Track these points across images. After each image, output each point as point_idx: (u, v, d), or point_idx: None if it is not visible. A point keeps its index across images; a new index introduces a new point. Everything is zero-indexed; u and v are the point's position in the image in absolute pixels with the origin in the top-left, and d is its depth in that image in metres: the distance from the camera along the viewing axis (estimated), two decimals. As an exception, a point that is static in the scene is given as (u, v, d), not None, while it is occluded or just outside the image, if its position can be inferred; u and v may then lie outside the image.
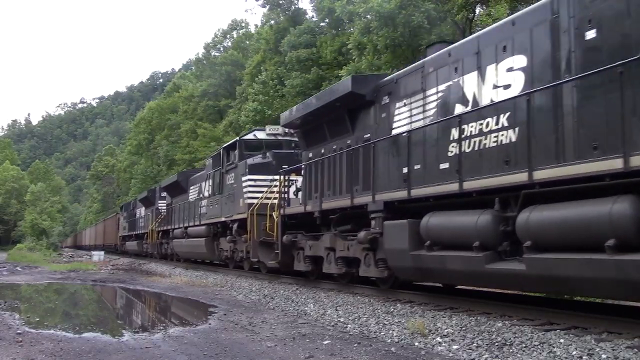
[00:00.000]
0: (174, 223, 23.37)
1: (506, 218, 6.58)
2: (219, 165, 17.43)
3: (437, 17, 18.60)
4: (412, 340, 5.94)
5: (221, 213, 16.64)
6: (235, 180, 15.52)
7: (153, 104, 63.71)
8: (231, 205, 15.66)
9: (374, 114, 9.80)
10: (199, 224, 19.26)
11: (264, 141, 15.56)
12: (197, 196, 20.44)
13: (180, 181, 23.59)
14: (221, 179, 16.96)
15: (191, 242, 20.02)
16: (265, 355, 5.32)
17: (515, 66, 6.80)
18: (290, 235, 12.02)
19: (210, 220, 17.91)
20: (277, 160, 14.15)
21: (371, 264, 9.32)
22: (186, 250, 21.26)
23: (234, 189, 15.53)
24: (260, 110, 29.57)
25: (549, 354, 5.00)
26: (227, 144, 17.16)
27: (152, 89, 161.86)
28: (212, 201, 17.88)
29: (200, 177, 20.82)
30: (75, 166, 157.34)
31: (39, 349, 5.54)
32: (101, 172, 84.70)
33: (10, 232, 72.47)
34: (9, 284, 14.66)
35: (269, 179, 13.79)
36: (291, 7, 33.43)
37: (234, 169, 15.85)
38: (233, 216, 15.46)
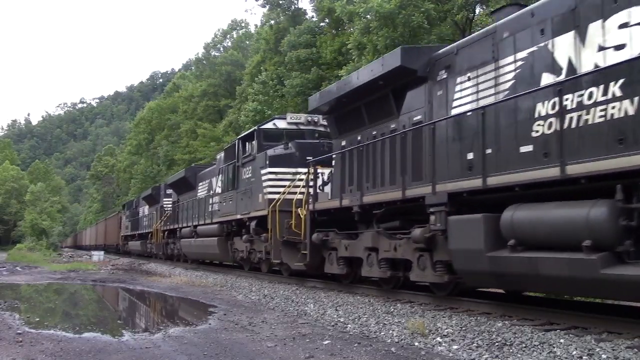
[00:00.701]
0: (182, 222, 22.18)
1: (629, 210, 5.32)
2: (232, 158, 16.06)
3: (437, 17, 18.60)
4: (412, 340, 5.94)
5: (236, 210, 15.25)
6: (253, 174, 14.17)
7: (153, 104, 63.77)
8: (248, 201, 14.30)
9: (426, 92, 8.44)
10: (210, 222, 17.98)
11: (285, 131, 14.01)
12: (207, 193, 19.13)
13: (187, 177, 22.16)
14: (236, 173, 15.56)
15: (201, 242, 18.78)
16: (265, 355, 5.32)
17: (632, 21, 5.50)
18: (321, 234, 10.71)
19: (224, 218, 16.56)
20: (301, 151, 12.83)
21: (427, 267, 8.06)
22: (195, 250, 20.09)
23: (251, 184, 14.20)
24: (260, 110, 29.54)
25: (549, 354, 5.00)
26: (244, 134, 15.75)
27: (152, 89, 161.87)
28: (225, 197, 16.50)
29: (211, 172, 19.50)
30: (75, 166, 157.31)
31: (39, 349, 5.55)
32: (101, 172, 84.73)
33: (10, 232, 72.45)
34: (9, 284, 14.66)
35: (291, 172, 12.61)
36: (291, 7, 33.43)
37: (251, 162, 14.44)
38: (250, 213, 14.09)
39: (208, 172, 19.91)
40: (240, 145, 15.48)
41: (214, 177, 18.60)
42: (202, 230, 18.82)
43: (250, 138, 14.82)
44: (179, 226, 22.46)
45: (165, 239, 25.38)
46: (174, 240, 23.91)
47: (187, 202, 21.56)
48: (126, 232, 37.66)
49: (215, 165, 19.16)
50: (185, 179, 22.45)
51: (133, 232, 34.83)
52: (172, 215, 24.36)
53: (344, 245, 10.16)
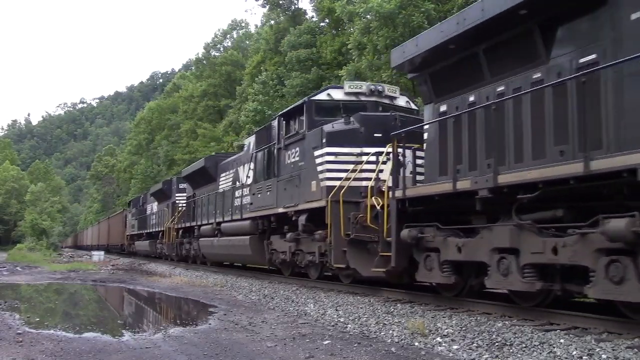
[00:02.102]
0: (200, 219, 19.58)
1: None
2: (269, 140, 13.53)
3: (437, 17, 18.58)
4: (412, 340, 5.94)
5: (277, 202, 12.55)
6: (302, 157, 11.51)
7: (153, 104, 63.87)
8: (295, 191, 11.69)
9: (608, 19, 5.91)
10: (239, 219, 15.27)
11: (342, 103, 11.56)
12: (232, 184, 16.61)
13: (208, 167, 19.33)
14: (276, 157, 12.88)
15: (227, 241, 16.06)
16: (265, 355, 5.32)
17: None
18: (415, 230, 8.17)
19: (259, 212, 13.76)
20: (367, 126, 10.31)
21: (630, 279, 5.32)
22: (219, 251, 17.39)
23: (299, 169, 11.56)
24: (260, 110, 29.57)
25: (549, 354, 5.00)
26: (287, 110, 12.99)
27: (152, 89, 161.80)
28: (260, 188, 13.83)
29: (236, 161, 16.86)
30: (75, 166, 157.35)
31: (39, 349, 5.55)
32: (101, 172, 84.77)
33: (10, 232, 72.51)
34: (9, 284, 14.66)
35: (355, 152, 10.14)
36: (291, 7, 33.46)
37: (299, 142, 11.75)
38: (299, 205, 11.47)
39: (233, 161, 17.29)
40: (282, 124, 12.64)
41: (241, 167, 16.07)
42: (227, 228, 16.25)
43: (297, 113, 12.04)
44: (196, 224, 19.99)
45: (180, 238, 22.80)
46: (189, 239, 21.53)
47: (207, 197, 18.95)
48: (132, 232, 35.13)
49: (242, 153, 16.69)
50: (204, 170, 19.66)
51: (140, 231, 32.33)
52: (187, 211, 21.97)
53: (455, 245, 7.55)
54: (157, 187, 28.87)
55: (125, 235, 37.66)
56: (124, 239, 38.26)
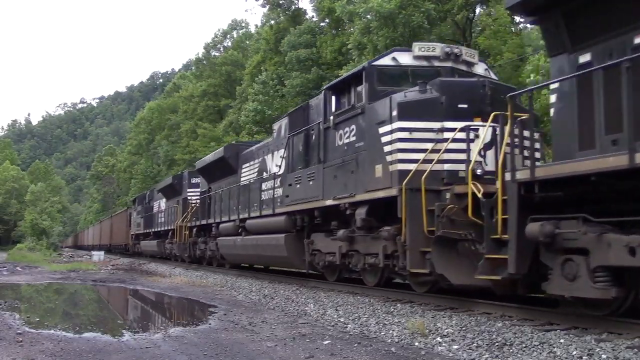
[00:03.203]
0: (218, 215, 17.51)
1: None
2: (307, 121, 11.75)
3: (437, 17, 18.62)
4: (412, 340, 5.94)
5: (323, 194, 10.60)
6: (362, 136, 9.48)
7: (153, 104, 63.89)
8: (349, 178, 9.70)
9: None
10: (271, 214, 13.11)
11: (410, 69, 9.56)
12: (257, 176, 14.61)
13: (227, 158, 17.12)
14: (320, 140, 10.93)
15: (255, 241, 13.93)
16: (266, 355, 5.32)
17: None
18: (549, 224, 5.94)
19: (297, 206, 11.72)
20: (450, 94, 8.39)
21: None
22: (243, 252, 15.14)
23: (356, 152, 9.57)
24: (260, 110, 29.59)
25: (549, 354, 5.00)
26: (337, 80, 10.96)
27: (152, 89, 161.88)
28: (297, 178, 11.76)
29: (262, 149, 14.79)
30: (75, 166, 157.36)
31: (39, 349, 5.54)
32: (101, 172, 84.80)
33: (10, 232, 72.44)
34: (9, 284, 14.66)
35: (435, 128, 8.31)
36: (291, 7, 33.47)
37: (355, 118, 9.74)
38: (356, 196, 9.45)
39: (258, 150, 15.23)
40: (331, 98, 10.65)
41: (268, 155, 14.13)
42: (255, 226, 14.17)
43: (353, 83, 9.98)
44: (214, 221, 17.81)
45: (193, 237, 20.71)
46: (205, 239, 19.51)
47: (228, 190, 16.82)
48: (137, 231, 32.87)
49: (269, 140, 14.81)
50: (223, 160, 17.42)
51: (146, 230, 30.13)
52: (202, 208, 19.87)
53: (623, 245, 5.39)
54: (166, 183, 26.81)
55: (130, 234, 35.83)
56: (128, 238, 36.50)
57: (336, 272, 11.43)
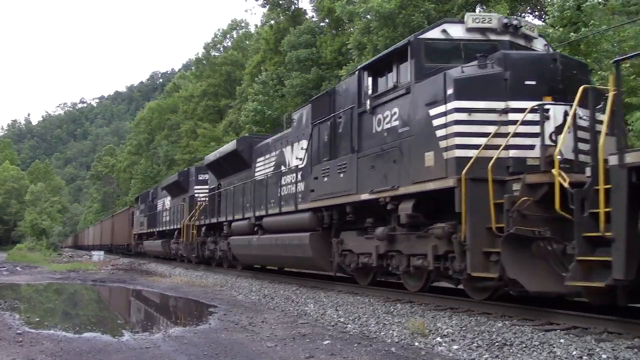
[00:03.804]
0: (230, 213, 16.17)
1: None
2: (336, 107, 10.52)
3: (437, 17, 18.60)
4: (412, 340, 5.94)
5: (357, 187, 9.43)
6: (407, 120, 8.31)
7: (153, 104, 63.95)
8: (391, 168, 8.54)
9: None
10: (293, 211, 11.94)
11: (463, 43, 8.42)
12: (274, 170, 13.51)
13: (240, 151, 15.75)
14: (353, 127, 9.70)
15: (274, 240, 12.76)
16: (266, 355, 5.32)
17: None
18: None
19: (324, 201, 10.52)
20: (515, 70, 7.32)
21: None
22: (260, 252, 13.86)
23: (399, 138, 8.40)
24: (260, 110, 29.59)
25: (549, 354, 5.00)
26: (375, 58, 9.69)
27: (152, 89, 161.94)
28: (324, 170, 10.59)
29: (280, 141, 13.59)
30: (75, 166, 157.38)
31: (39, 349, 5.55)
32: (101, 172, 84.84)
33: (10, 232, 72.45)
34: (9, 284, 14.66)
35: (499, 108, 7.25)
36: (291, 7, 33.48)
37: (398, 100, 8.56)
38: (400, 189, 8.30)
39: (275, 142, 14.00)
40: (367, 80, 9.45)
41: (287, 147, 13.01)
42: (273, 224, 13.07)
43: (395, 60, 8.76)
44: (225, 219, 16.57)
45: (202, 236, 19.58)
46: (215, 238, 18.40)
47: (241, 186, 15.53)
48: (140, 230, 31.57)
49: (288, 130, 13.49)
50: (236, 154, 15.99)
51: (150, 230, 28.96)
52: (211, 206, 18.71)
53: None
54: (171, 180, 25.61)
55: (132, 234, 34.56)
56: (131, 238, 35.31)
57: (370, 276, 10.21)
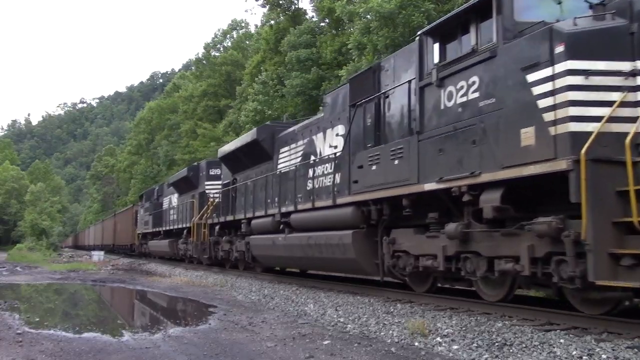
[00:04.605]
0: (249, 210, 14.66)
1: None
2: (382, 84, 9.33)
3: (437, 17, 18.60)
4: (412, 340, 5.94)
5: (419, 175, 7.86)
6: (492, 89, 6.73)
7: (153, 104, 63.92)
8: (470, 150, 6.96)
9: None
10: (330, 206, 10.33)
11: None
12: (302, 160, 12.18)
13: (261, 141, 14.19)
14: (413, 103, 8.23)
15: (305, 240, 11.17)
16: (265, 355, 5.31)
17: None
18: None
19: (376, 193, 8.86)
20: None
21: None
22: (288, 253, 12.20)
23: (482, 112, 6.83)
24: (260, 111, 29.58)
25: (549, 354, 5.00)
26: (443, 19, 7.97)
27: (152, 89, 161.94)
28: (372, 158, 9.05)
29: (309, 128, 12.22)
30: (75, 166, 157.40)
31: (39, 349, 5.54)
32: (101, 172, 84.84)
33: (10, 232, 72.46)
34: (9, 284, 14.67)
35: (625, 71, 5.79)
36: (291, 7, 33.47)
37: (479, 66, 6.97)
38: (482, 175, 6.73)
39: (302, 130, 12.64)
40: (431, 47, 7.91)
41: (318, 134, 11.63)
42: (304, 221, 11.51)
43: (472, 19, 7.23)
44: (243, 217, 15.05)
45: (215, 236, 17.98)
46: (230, 238, 16.90)
47: (263, 179, 14.03)
48: (145, 229, 30.08)
49: (318, 116, 12.38)
50: (256, 145, 14.39)
51: (155, 229, 27.47)
52: (224, 202, 17.33)
53: None
54: (180, 175, 24.08)
55: (136, 233, 33.06)
56: (134, 238, 33.80)
57: (429, 281, 8.82)
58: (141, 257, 31.66)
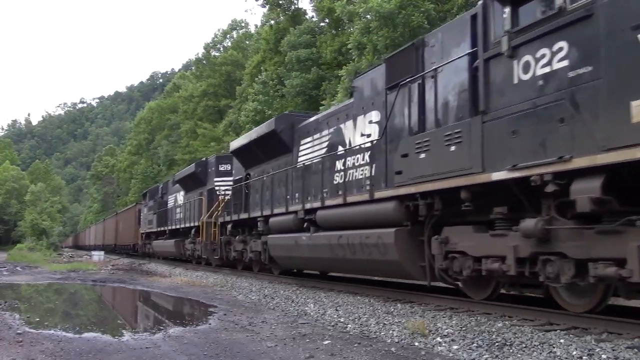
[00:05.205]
0: (267, 207, 13.68)
1: None
2: (426, 63, 8.25)
3: (437, 17, 18.60)
4: (412, 340, 5.94)
5: (484, 162, 6.70)
6: (587, 56, 5.61)
7: (153, 104, 64.01)
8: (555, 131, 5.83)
9: None
10: (367, 200, 9.17)
11: None
12: (327, 152, 11.07)
13: (280, 132, 13.06)
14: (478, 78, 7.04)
15: (337, 239, 9.93)
16: (266, 355, 5.32)
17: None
18: None
19: (427, 185, 7.68)
20: None
21: None
22: (314, 254, 11.05)
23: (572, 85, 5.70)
24: (260, 111, 29.60)
25: (549, 354, 5.00)
26: None
27: (152, 89, 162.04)
28: (420, 145, 7.84)
29: (335, 116, 11.11)
30: (75, 166, 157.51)
31: (39, 349, 5.55)
32: (101, 172, 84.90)
33: (10, 232, 72.52)
34: (9, 284, 14.67)
35: None
36: (291, 7, 33.49)
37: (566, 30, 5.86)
38: (574, 160, 5.59)
39: (326, 119, 11.53)
40: (501, 11, 6.69)
41: (347, 122, 10.51)
42: (334, 217, 10.39)
43: None
44: (260, 215, 13.94)
45: (227, 235, 16.96)
46: (244, 237, 15.72)
47: (283, 173, 12.98)
48: (149, 229, 29.06)
49: (349, 103, 10.82)
50: (274, 136, 13.28)
51: (160, 228, 26.52)
52: (237, 199, 16.22)
53: None
54: (187, 172, 22.89)
55: (139, 233, 32.12)
56: (137, 237, 32.84)
57: (490, 287, 7.51)
58: (145, 257, 30.96)
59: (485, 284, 7.56)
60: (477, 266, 7.07)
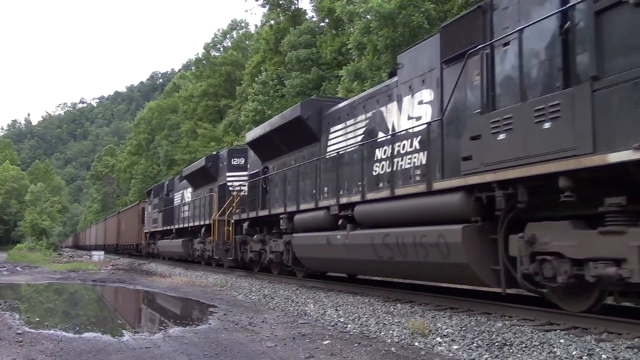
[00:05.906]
0: (292, 202, 12.30)
1: None
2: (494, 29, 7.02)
3: (437, 17, 18.61)
4: (412, 340, 5.94)
5: (595, 142, 5.29)
6: None
7: (153, 104, 64.08)
8: None
9: None
10: (423, 192, 7.82)
11: None
12: (364, 139, 9.75)
13: (306, 119, 11.66)
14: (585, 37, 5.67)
15: (384, 237, 8.52)
16: (266, 355, 5.31)
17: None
18: None
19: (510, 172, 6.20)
20: None
21: None
22: (352, 256, 9.62)
23: None
24: (260, 111, 29.63)
25: (549, 354, 5.00)
26: None
27: (152, 89, 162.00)
28: (494, 123, 6.45)
29: (374, 98, 9.72)
30: (75, 166, 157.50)
31: (39, 349, 5.54)
32: (101, 172, 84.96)
33: (10, 232, 72.50)
34: (9, 284, 14.66)
35: None
36: (291, 7, 33.52)
37: None
38: None
39: (363, 102, 10.13)
40: None
41: (389, 105, 9.21)
42: (377, 213, 8.98)
43: None
44: (283, 211, 12.46)
45: (243, 234, 15.41)
46: (262, 236, 14.21)
47: (310, 165, 11.65)
48: (154, 228, 27.81)
49: (391, 82, 9.35)
50: (300, 123, 11.89)
51: (165, 227, 25.23)
52: (254, 195, 14.70)
53: None
54: (196, 167, 21.44)
55: (143, 232, 30.92)
56: (141, 237, 31.63)
57: (592, 297, 6.15)
58: (147, 258, 30.07)
59: (584, 292, 6.19)
60: (576, 271, 5.75)
